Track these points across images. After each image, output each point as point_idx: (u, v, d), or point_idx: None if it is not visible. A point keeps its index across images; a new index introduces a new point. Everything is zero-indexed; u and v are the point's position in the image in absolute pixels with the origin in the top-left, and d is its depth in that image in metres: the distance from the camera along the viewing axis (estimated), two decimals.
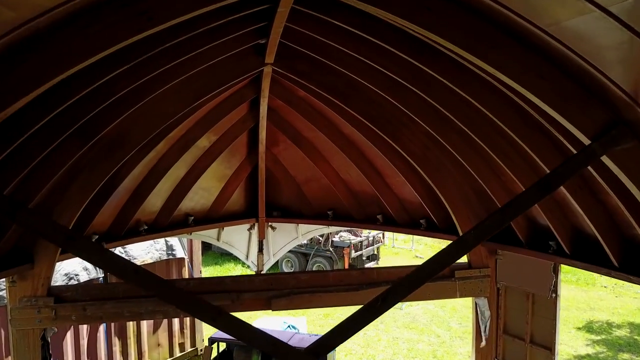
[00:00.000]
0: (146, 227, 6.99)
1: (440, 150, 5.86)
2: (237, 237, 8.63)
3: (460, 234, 6.30)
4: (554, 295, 5.83)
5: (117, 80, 4.01)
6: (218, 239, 8.50)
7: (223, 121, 6.64)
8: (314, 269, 19.56)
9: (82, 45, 2.66)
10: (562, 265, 5.70)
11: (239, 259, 9.21)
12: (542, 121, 3.83)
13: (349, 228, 17.66)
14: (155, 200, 7.05)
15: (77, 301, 5.44)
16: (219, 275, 19.67)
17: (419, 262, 22.40)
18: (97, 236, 6.25)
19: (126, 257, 9.34)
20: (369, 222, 7.70)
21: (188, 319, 10.95)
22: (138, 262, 9.58)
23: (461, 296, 6.38)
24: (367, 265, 20.15)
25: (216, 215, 7.89)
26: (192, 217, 7.60)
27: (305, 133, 7.26)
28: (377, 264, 20.86)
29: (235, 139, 7.18)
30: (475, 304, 6.55)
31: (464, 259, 6.51)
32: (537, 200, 3.15)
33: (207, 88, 5.41)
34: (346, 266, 19.26)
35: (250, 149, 7.63)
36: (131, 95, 4.60)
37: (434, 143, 5.82)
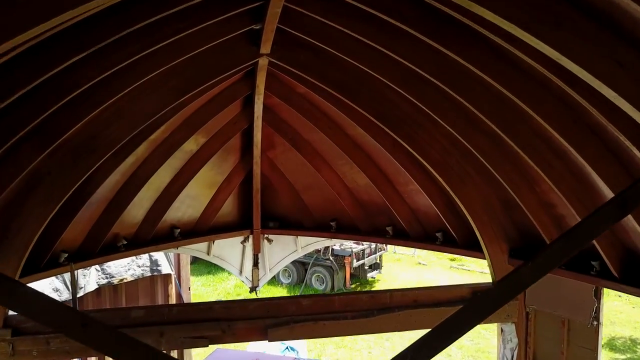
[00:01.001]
0: (125, 242, 6.39)
1: (463, 155, 5.30)
2: (229, 251, 8.06)
3: (485, 250, 5.73)
4: (595, 322, 5.19)
5: (76, 71, 3.36)
6: (208, 253, 7.98)
7: (212, 121, 6.05)
8: (313, 279, 18.96)
9: (8, 19, 2.00)
10: None
11: None
12: (603, 121, 3.18)
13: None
14: (136, 211, 6.45)
15: (39, 333, 4.78)
16: (212, 286, 19.04)
17: (422, 268, 21.97)
18: (66, 254, 5.60)
19: (103, 276, 8.66)
20: (377, 234, 7.17)
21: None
22: (116, 281, 8.88)
23: (485, 322, 5.74)
24: (369, 275, 19.55)
25: (206, 227, 7.32)
26: (179, 230, 7.01)
27: (305, 135, 6.69)
28: (380, 272, 20.27)
29: (226, 141, 6.60)
30: (501, 329, 5.94)
31: (487, 279, 5.92)
32: (614, 222, 2.50)
33: (192, 83, 4.83)
34: (347, 276, 18.66)
35: (244, 153, 7.07)
36: (99, 90, 3.99)
37: (456, 147, 5.26)
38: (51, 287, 8.20)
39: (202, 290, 18.76)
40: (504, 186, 5.14)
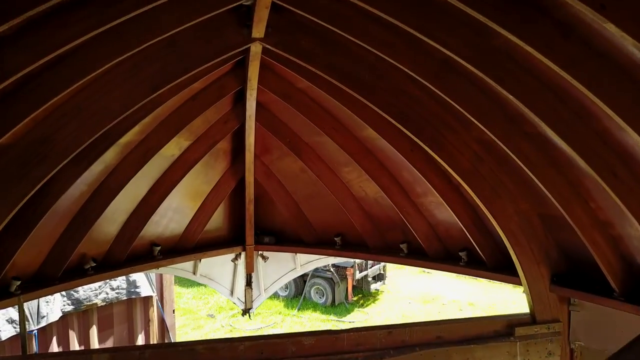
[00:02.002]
0: (94, 264, 5.73)
1: (498, 163, 4.75)
2: (218, 270, 7.47)
3: (521, 275, 5.11)
4: None
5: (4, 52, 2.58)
6: (194, 273, 7.41)
7: (197, 121, 5.52)
8: (312, 291, 18.28)
9: None
10: None
11: None
12: None
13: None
14: (108, 227, 5.82)
15: None
16: (202, 299, 18.35)
17: (427, 277, 21.29)
18: (19, 282, 4.87)
19: (68, 302, 7.85)
20: (389, 252, 6.61)
21: None
22: (84, 307, 8.08)
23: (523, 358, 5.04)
24: (373, 287, 18.87)
25: (191, 244, 6.74)
26: (159, 247, 6.38)
27: (306, 137, 6.17)
28: (384, 284, 19.62)
29: (214, 145, 6.06)
30: None
31: (525, 310, 5.21)
32: None
33: (169, 74, 4.19)
34: (349, 288, 18.01)
35: (234, 158, 6.57)
36: (43, 82, 3.23)
37: (490, 152, 4.71)
38: (5, 318, 7.35)
39: (191, 304, 18.05)
40: (546, 200, 4.48)
